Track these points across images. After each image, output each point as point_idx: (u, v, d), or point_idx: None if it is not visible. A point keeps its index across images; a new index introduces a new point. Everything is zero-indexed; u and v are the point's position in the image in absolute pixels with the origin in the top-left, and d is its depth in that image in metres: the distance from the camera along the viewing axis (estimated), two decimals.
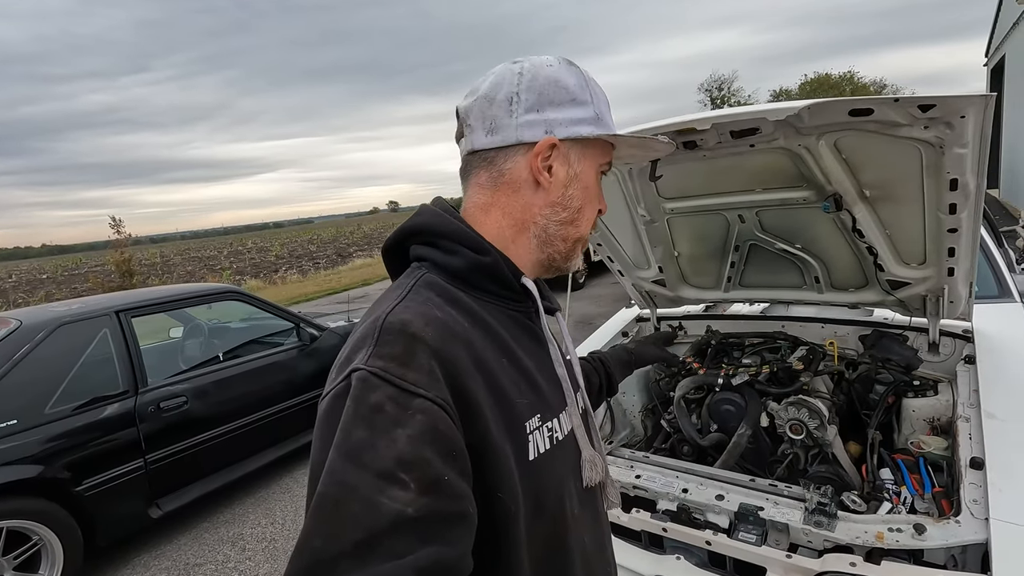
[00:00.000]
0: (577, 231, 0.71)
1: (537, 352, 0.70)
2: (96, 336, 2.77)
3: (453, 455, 0.53)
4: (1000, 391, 1.58)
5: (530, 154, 0.67)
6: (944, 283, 1.74)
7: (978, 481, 1.31)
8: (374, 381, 0.53)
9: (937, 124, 1.26)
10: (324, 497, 0.49)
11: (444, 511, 0.50)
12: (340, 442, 0.51)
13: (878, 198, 1.60)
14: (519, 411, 0.62)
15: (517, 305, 0.70)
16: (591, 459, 0.71)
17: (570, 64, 0.70)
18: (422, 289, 0.64)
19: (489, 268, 0.66)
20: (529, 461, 0.62)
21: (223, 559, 2.79)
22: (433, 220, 0.69)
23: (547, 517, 0.64)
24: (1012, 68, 11.72)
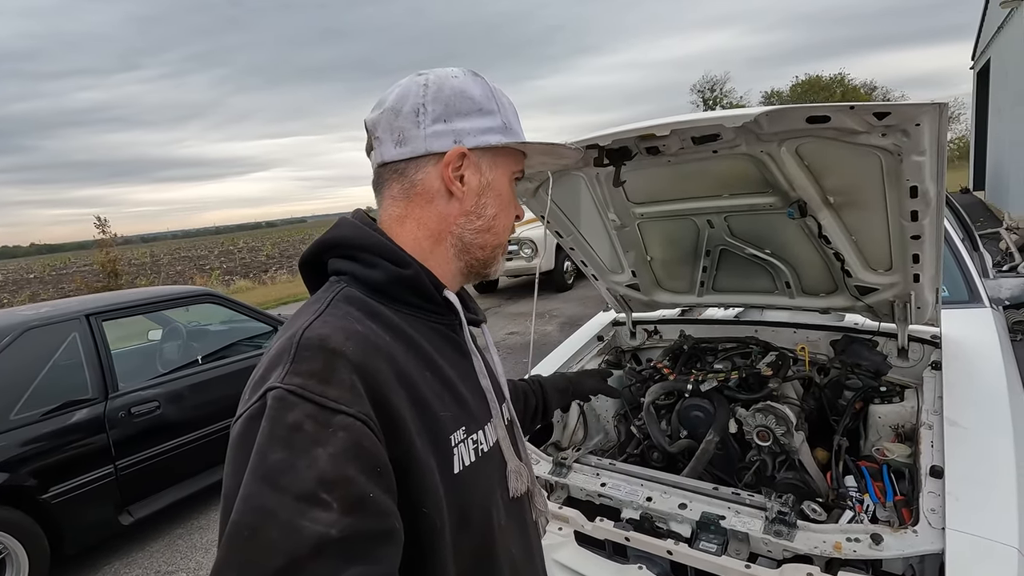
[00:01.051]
0: (495, 238, 0.72)
1: (461, 364, 0.70)
2: (65, 340, 2.73)
3: (378, 471, 0.52)
4: (963, 398, 1.58)
5: (440, 164, 0.68)
6: (911, 289, 1.74)
7: (937, 490, 1.31)
8: (291, 399, 0.51)
9: (894, 132, 1.26)
10: (239, 525, 0.47)
11: (370, 530, 0.49)
12: (256, 465, 0.49)
13: (842, 204, 1.59)
14: (443, 424, 0.62)
15: (439, 318, 0.70)
16: (516, 470, 0.72)
17: (475, 75, 0.70)
18: (341, 303, 0.63)
19: (410, 281, 0.66)
20: (454, 474, 0.61)
21: (195, 566, 2.75)
22: (352, 233, 0.68)
23: (473, 529, 0.64)
24: (996, 71, 11.83)
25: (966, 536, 1.18)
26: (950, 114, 5.40)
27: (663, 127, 1.39)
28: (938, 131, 1.22)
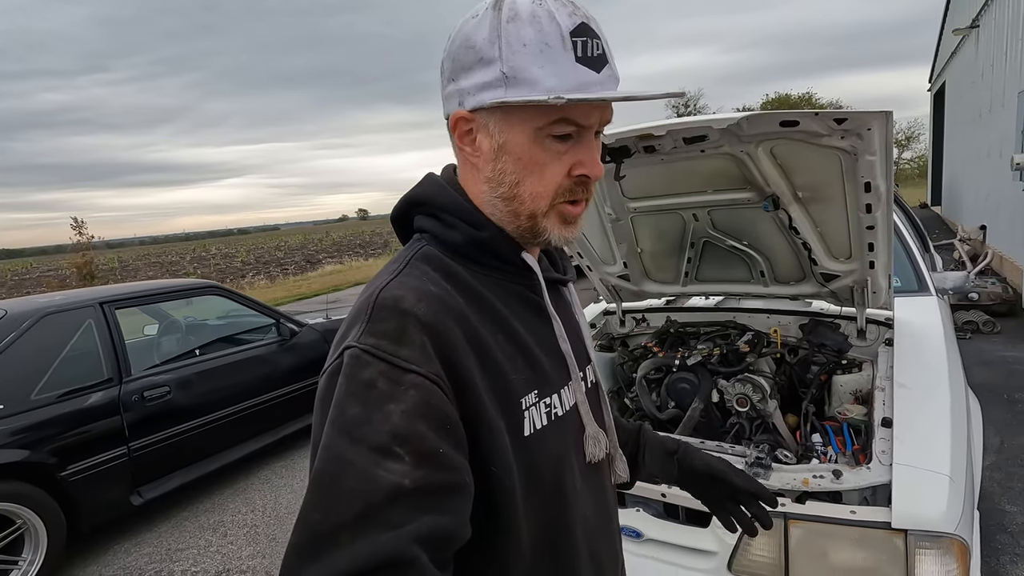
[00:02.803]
0: (525, 206, 0.63)
1: (539, 327, 0.68)
2: (81, 326, 2.83)
3: (447, 428, 0.54)
4: (910, 366, 1.85)
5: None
6: (867, 275, 2.01)
7: (887, 436, 1.56)
8: (366, 358, 0.53)
9: (850, 135, 1.51)
10: (321, 472, 0.51)
11: (440, 482, 0.51)
12: (335, 418, 0.52)
13: (809, 199, 1.85)
14: (514, 387, 0.61)
15: (518, 279, 0.68)
16: (594, 435, 0.70)
17: (494, 9, 0.59)
18: (419, 263, 0.63)
19: (486, 243, 0.65)
20: (524, 437, 0.61)
21: (205, 544, 2.86)
22: (433, 191, 0.68)
23: (545, 492, 0.64)
24: (951, 94, 12.60)
25: (908, 468, 1.43)
26: (911, 134, 5.98)
27: (660, 128, 1.63)
28: (886, 135, 1.48)
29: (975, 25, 8.88)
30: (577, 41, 0.58)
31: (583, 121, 0.60)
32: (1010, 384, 3.78)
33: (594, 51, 0.59)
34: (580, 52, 0.58)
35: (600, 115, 0.62)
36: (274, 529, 2.94)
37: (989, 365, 4.16)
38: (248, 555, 2.74)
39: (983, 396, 3.63)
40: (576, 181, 0.63)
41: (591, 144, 0.63)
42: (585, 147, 0.62)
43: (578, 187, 0.64)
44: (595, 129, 0.63)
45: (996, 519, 2.41)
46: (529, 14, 0.57)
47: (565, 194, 0.63)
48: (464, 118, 0.62)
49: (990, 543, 2.27)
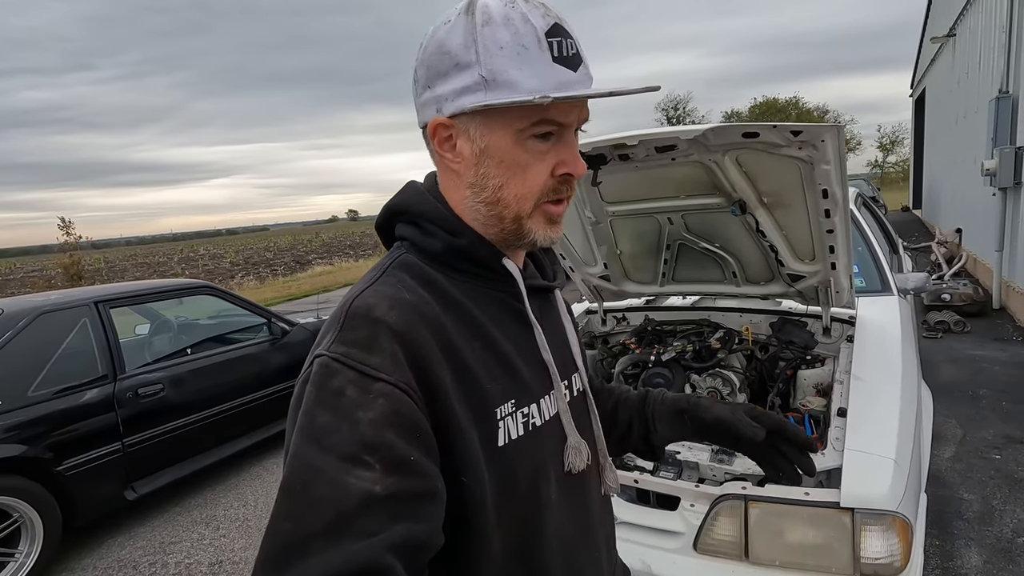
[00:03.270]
0: (510, 209, 0.63)
1: (521, 335, 0.67)
2: (76, 324, 2.90)
3: (417, 436, 0.54)
4: (867, 360, 1.98)
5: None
6: (830, 276, 2.13)
7: (841, 425, 1.69)
8: (335, 366, 0.54)
9: (807, 146, 1.64)
10: (290, 480, 0.50)
11: (412, 489, 0.51)
12: (304, 426, 0.52)
13: (774, 204, 1.98)
14: (488, 396, 0.61)
15: (500, 286, 0.67)
16: (575, 445, 0.69)
17: (467, 14, 0.59)
18: (396, 271, 0.63)
19: (464, 250, 0.65)
20: (498, 447, 0.61)
21: (198, 537, 2.94)
22: (412, 199, 0.68)
23: (519, 502, 0.63)
24: (931, 100, 12.90)
25: (857, 453, 1.55)
26: (895, 138, 6.20)
27: (633, 137, 1.75)
28: (839, 146, 1.60)
29: (952, 34, 9.13)
30: (552, 42, 0.58)
31: (563, 120, 0.61)
32: (976, 381, 3.94)
33: (569, 51, 0.60)
34: (556, 52, 0.58)
35: (579, 113, 0.62)
36: (266, 523, 3.02)
37: (958, 363, 4.33)
38: (240, 547, 2.82)
39: (951, 392, 3.81)
40: (560, 180, 0.63)
41: (572, 142, 0.63)
42: (566, 146, 0.62)
43: (562, 186, 0.64)
44: (575, 128, 0.63)
45: (954, 507, 2.56)
46: (503, 17, 0.57)
47: (549, 194, 0.63)
48: (443, 124, 0.62)
49: (947, 529, 2.41)
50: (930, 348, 4.73)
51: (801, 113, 47.88)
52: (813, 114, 48.66)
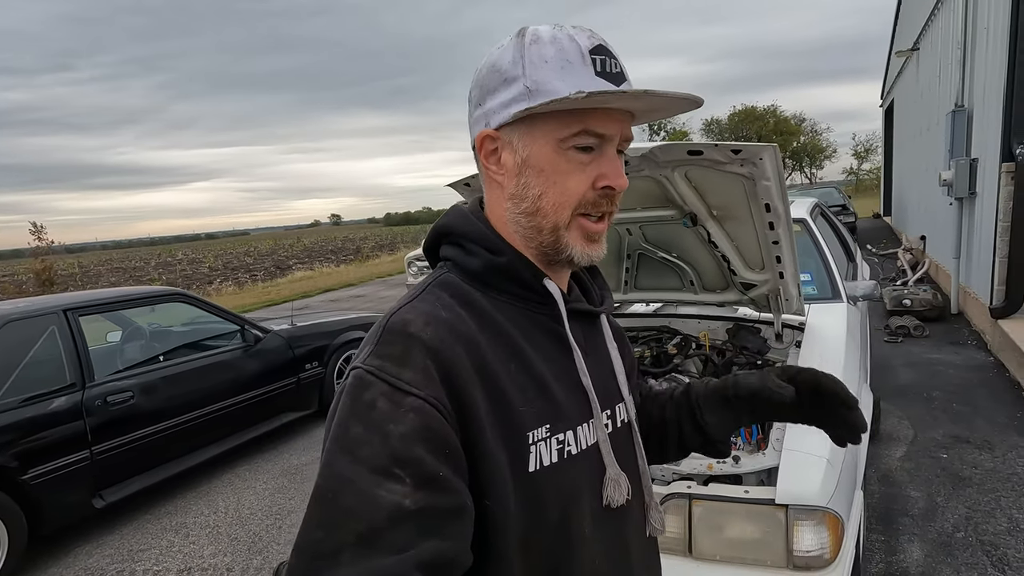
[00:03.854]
0: (548, 219, 0.63)
1: (560, 359, 0.66)
2: (44, 332, 2.89)
3: (446, 452, 0.54)
4: (811, 364, 2.07)
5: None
6: (779, 284, 2.24)
7: (782, 426, 1.78)
8: (369, 379, 0.55)
9: (747, 163, 1.74)
10: (322, 489, 0.51)
11: (441, 505, 0.51)
12: (338, 436, 0.53)
13: (723, 217, 2.08)
14: (521, 419, 0.60)
15: (541, 308, 0.67)
16: (614, 477, 0.66)
17: (518, 36, 0.63)
18: (435, 289, 0.64)
19: (504, 269, 0.65)
20: (528, 472, 0.59)
21: (167, 544, 2.94)
22: (456, 220, 0.69)
23: (548, 533, 0.61)
24: (899, 111, 13.31)
25: (793, 452, 1.65)
26: (869, 146, 6.48)
27: None
28: (776, 164, 1.71)
29: (915, 48, 9.46)
30: (596, 58, 0.60)
31: (604, 131, 0.61)
32: (931, 383, 4.11)
33: (613, 68, 0.61)
34: (600, 68, 0.60)
35: (620, 129, 0.62)
36: (236, 529, 3.04)
37: (915, 366, 4.50)
38: (210, 554, 2.83)
39: (906, 395, 3.96)
40: (601, 194, 0.63)
41: (614, 157, 0.63)
42: (608, 159, 0.62)
43: (602, 200, 0.63)
44: (616, 142, 0.63)
45: (901, 504, 2.68)
46: (550, 37, 0.61)
47: (588, 206, 0.63)
48: (490, 136, 0.64)
49: (893, 525, 2.53)
50: (890, 352, 4.91)
51: (779, 121, 48.90)
52: (791, 122, 49.73)
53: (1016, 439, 3.19)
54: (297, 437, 4.23)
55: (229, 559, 2.77)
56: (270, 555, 2.76)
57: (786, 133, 48.88)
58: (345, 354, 4.52)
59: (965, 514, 2.56)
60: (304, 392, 4.21)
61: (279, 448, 4.05)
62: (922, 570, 2.24)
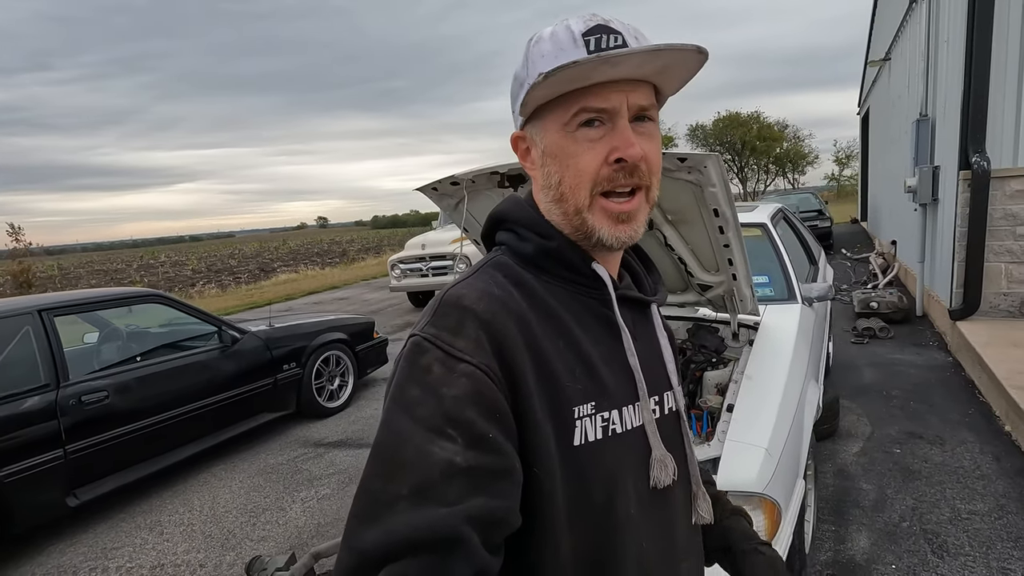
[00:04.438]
0: (570, 203, 0.65)
1: (609, 342, 0.68)
2: (18, 332, 2.92)
3: (496, 416, 0.56)
4: (760, 361, 2.20)
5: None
6: (733, 286, 2.35)
7: (728, 419, 1.89)
8: (425, 345, 0.58)
9: (694, 171, 1.84)
10: (381, 444, 0.55)
11: (491, 465, 0.54)
12: (396, 396, 0.57)
13: (677, 221, 2.18)
14: (567, 395, 0.62)
15: (591, 291, 0.69)
16: (660, 458, 0.67)
17: (527, 43, 0.66)
18: (489, 269, 0.67)
19: (554, 252, 0.67)
20: (574, 446, 0.61)
21: (140, 543, 2.97)
22: (510, 207, 0.73)
23: (594, 510, 0.63)
24: (873, 119, 13.64)
25: (734, 443, 1.75)
26: (850, 152, 6.83)
27: None
28: (720, 172, 1.81)
29: (887, 58, 9.73)
30: (590, 38, 0.61)
31: (603, 104, 0.61)
32: (891, 383, 4.26)
33: (610, 43, 0.60)
34: (593, 47, 0.60)
35: (623, 99, 0.61)
36: (210, 527, 3.08)
37: (877, 366, 4.66)
38: (183, 551, 2.87)
39: (867, 393, 4.11)
40: (616, 168, 0.62)
41: (624, 127, 0.62)
42: (618, 132, 0.62)
43: (619, 174, 0.62)
44: (625, 115, 0.62)
45: (853, 496, 2.80)
46: (549, 33, 0.63)
47: (604, 183, 0.63)
48: (519, 137, 0.69)
49: (844, 516, 2.65)
50: (856, 353, 5.06)
51: (762, 127, 49.61)
52: (774, 128, 50.47)
53: (966, 435, 3.33)
54: (274, 437, 4.27)
55: (202, 555, 2.81)
56: (243, 551, 2.80)
57: (769, 139, 49.59)
58: (323, 355, 4.57)
59: (912, 505, 2.68)
60: (281, 393, 4.25)
61: (255, 448, 4.09)
62: (867, 557, 2.35)
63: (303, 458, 3.87)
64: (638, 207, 0.65)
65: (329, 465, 3.72)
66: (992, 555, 2.29)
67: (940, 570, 2.24)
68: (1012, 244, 4.51)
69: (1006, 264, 4.56)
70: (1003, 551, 2.31)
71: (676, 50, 0.58)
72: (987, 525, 2.48)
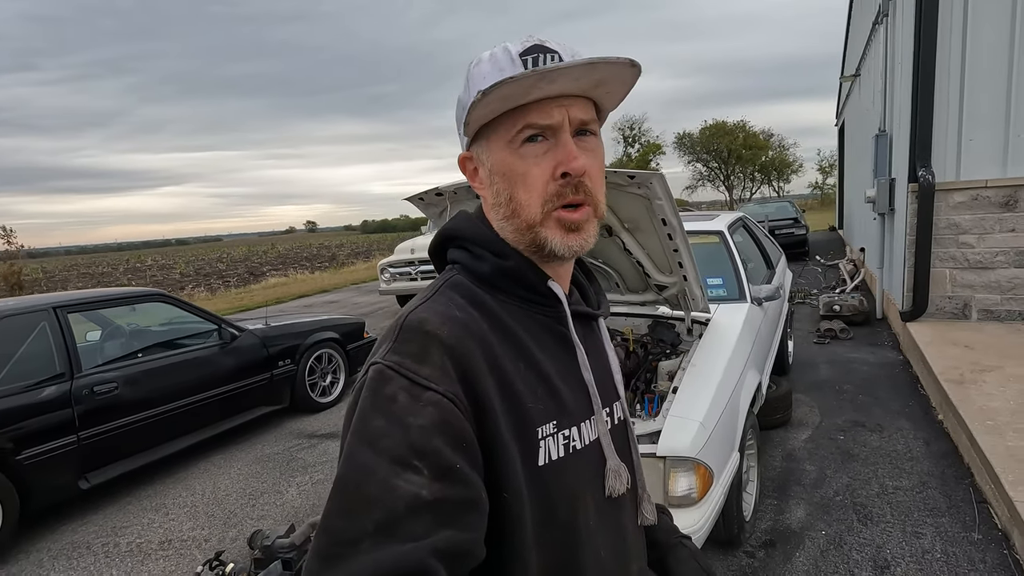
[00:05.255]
0: (522, 219, 0.65)
1: (564, 358, 0.69)
2: (36, 327, 3.17)
3: (463, 446, 0.56)
4: (706, 351, 2.51)
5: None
6: (684, 286, 2.67)
7: (672, 400, 2.20)
8: (389, 373, 0.57)
9: (643, 186, 2.16)
10: (343, 479, 0.53)
11: (457, 497, 0.53)
12: (358, 428, 0.55)
13: (633, 229, 2.50)
14: (531, 416, 0.62)
15: (546, 309, 0.70)
16: (615, 468, 0.70)
17: (467, 67, 0.67)
18: (448, 290, 0.67)
19: (512, 272, 0.68)
20: (539, 467, 0.62)
21: (148, 522, 3.22)
22: (462, 225, 0.72)
23: (558, 525, 0.64)
24: (848, 131, 14.17)
25: (675, 418, 2.06)
26: (832, 162, 7.33)
27: None
28: (665, 187, 2.13)
29: (857, 73, 10.21)
30: (527, 58, 0.62)
31: (544, 121, 0.62)
32: (844, 378, 4.61)
33: (547, 62, 0.62)
34: (531, 65, 0.62)
35: (564, 114, 0.62)
36: (212, 508, 3.33)
37: (834, 364, 5.01)
38: (188, 528, 3.12)
39: (821, 388, 4.45)
40: (563, 183, 0.63)
41: (567, 142, 0.63)
42: (561, 147, 0.63)
43: (565, 188, 0.63)
44: (567, 129, 0.63)
45: (796, 476, 3.13)
46: (489, 55, 0.64)
47: (555, 199, 0.63)
48: (467, 157, 0.69)
49: (787, 492, 2.97)
50: (816, 352, 5.42)
51: (748, 136, 50.48)
52: (759, 137, 51.37)
53: (903, 423, 3.68)
54: (270, 429, 4.53)
55: (206, 532, 3.07)
56: (244, 528, 3.06)
57: (755, 147, 50.44)
58: (316, 353, 4.83)
59: (847, 483, 3.01)
60: (277, 388, 4.51)
61: (252, 439, 4.34)
62: (802, 526, 2.67)
63: (298, 448, 4.13)
64: (587, 217, 0.66)
65: (322, 454, 3.99)
66: (908, 523, 2.62)
67: (863, 535, 2.56)
68: (955, 251, 4.90)
69: (950, 270, 4.94)
70: (919, 519, 2.64)
71: (610, 63, 0.59)
72: (909, 498, 2.82)
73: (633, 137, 51.65)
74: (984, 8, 4.57)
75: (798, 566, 2.39)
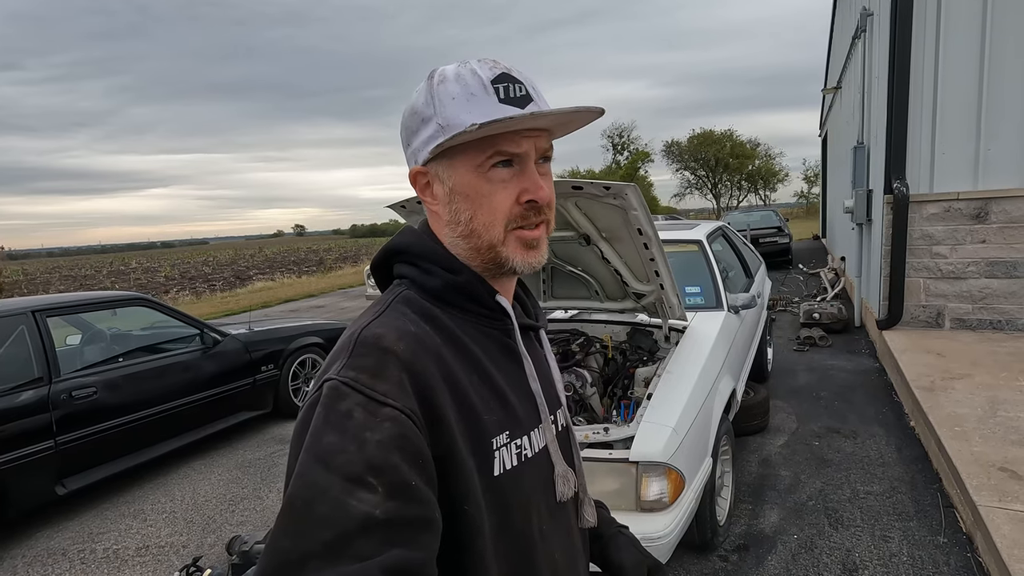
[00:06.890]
0: (483, 239, 0.67)
1: (512, 369, 0.71)
2: (14, 331, 3.14)
3: (420, 463, 0.56)
4: (681, 358, 2.57)
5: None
6: (661, 295, 2.73)
7: (646, 406, 2.25)
8: (344, 390, 0.56)
9: (618, 197, 2.21)
10: (294, 498, 0.52)
11: (411, 516, 0.53)
12: (310, 446, 0.54)
13: (610, 238, 2.55)
14: (486, 427, 0.64)
15: (493, 323, 0.71)
16: (563, 474, 0.72)
17: (429, 79, 0.68)
18: (399, 305, 0.67)
19: (462, 287, 0.69)
20: (494, 477, 0.63)
21: (125, 528, 3.20)
22: (410, 240, 0.72)
23: (514, 533, 0.66)
24: (830, 142, 14.44)
25: (648, 423, 2.11)
26: (817, 171, 7.64)
27: None
28: (639, 198, 2.19)
29: (839, 86, 10.42)
30: (499, 86, 0.64)
31: (515, 150, 0.65)
32: (822, 385, 4.70)
33: (517, 93, 0.65)
34: (503, 95, 0.64)
35: (532, 145, 0.66)
36: (191, 514, 3.31)
37: (812, 370, 5.11)
38: (166, 534, 3.11)
39: (799, 394, 4.53)
40: (527, 207, 0.66)
41: (532, 171, 0.66)
42: (527, 174, 0.66)
43: (529, 212, 0.67)
44: (533, 158, 0.66)
45: (771, 481, 3.19)
46: (455, 75, 0.65)
47: (517, 220, 0.67)
48: (420, 172, 0.69)
49: (761, 497, 3.03)
50: (796, 359, 5.52)
51: (735, 145, 51.15)
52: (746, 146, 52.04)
53: (876, 429, 3.76)
54: (252, 434, 4.51)
55: (184, 538, 3.05)
56: (223, 534, 3.05)
57: (742, 156, 51.09)
58: (300, 358, 4.82)
59: (819, 488, 3.08)
60: (260, 393, 4.50)
61: (233, 444, 4.32)
62: (775, 529, 2.73)
63: (280, 453, 4.12)
64: (543, 236, 0.70)
65: None
66: (878, 526, 2.69)
67: (833, 539, 2.62)
68: (929, 261, 5.02)
69: (924, 279, 5.07)
70: (887, 523, 2.71)
71: (587, 111, 0.65)
72: (879, 503, 2.89)
73: (622, 144, 52.12)
74: (956, 26, 4.72)
75: (770, 569, 2.44)
